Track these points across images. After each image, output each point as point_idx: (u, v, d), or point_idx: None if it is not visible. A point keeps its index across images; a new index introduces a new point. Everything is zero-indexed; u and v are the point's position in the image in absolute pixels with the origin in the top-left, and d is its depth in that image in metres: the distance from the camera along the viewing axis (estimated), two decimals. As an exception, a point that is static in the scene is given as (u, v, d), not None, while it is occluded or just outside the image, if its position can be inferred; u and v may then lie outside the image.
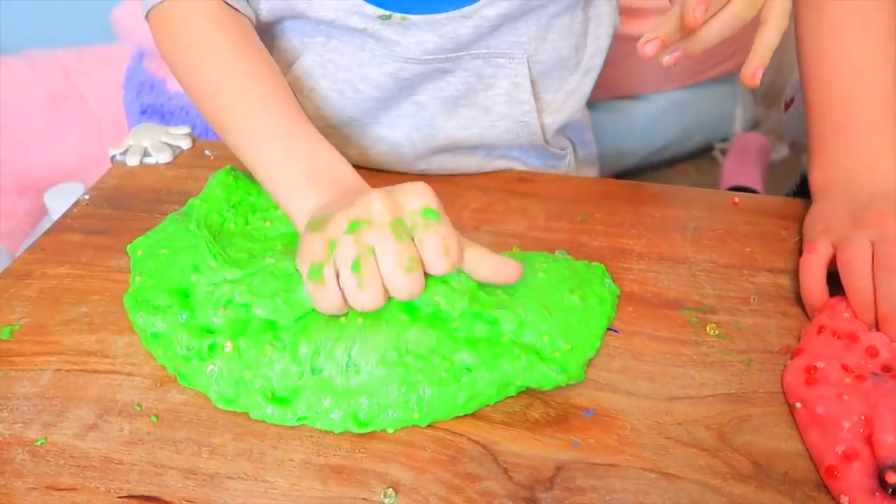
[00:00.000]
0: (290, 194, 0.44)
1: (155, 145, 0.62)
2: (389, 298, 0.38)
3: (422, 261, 0.37)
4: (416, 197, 0.38)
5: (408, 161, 0.61)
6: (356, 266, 0.36)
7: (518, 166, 0.63)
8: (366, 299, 0.37)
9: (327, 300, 0.38)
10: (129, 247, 0.49)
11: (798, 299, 0.46)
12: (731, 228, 0.52)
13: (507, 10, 0.53)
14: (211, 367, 0.40)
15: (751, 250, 0.50)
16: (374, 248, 0.37)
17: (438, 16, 0.53)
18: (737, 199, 0.55)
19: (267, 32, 0.60)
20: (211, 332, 0.42)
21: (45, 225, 1.05)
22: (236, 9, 0.53)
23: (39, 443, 0.38)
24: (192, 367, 0.41)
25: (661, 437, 0.38)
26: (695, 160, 1.70)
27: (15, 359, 0.43)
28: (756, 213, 0.54)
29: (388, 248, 0.36)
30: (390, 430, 0.38)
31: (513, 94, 0.58)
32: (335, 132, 0.61)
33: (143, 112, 1.15)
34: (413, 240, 0.37)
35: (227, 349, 0.40)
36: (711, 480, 0.36)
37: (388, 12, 0.52)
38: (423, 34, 0.53)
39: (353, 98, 0.58)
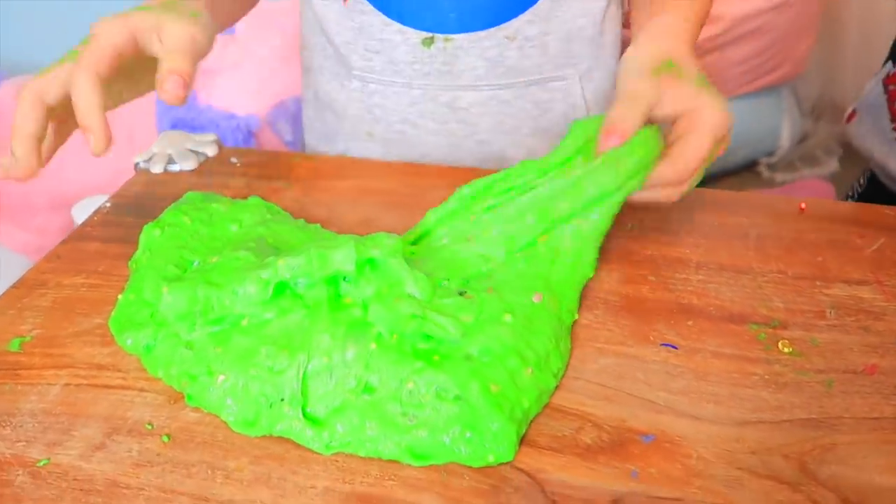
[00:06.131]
0: None
1: (180, 153, 0.60)
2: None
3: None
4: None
5: None
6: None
7: None
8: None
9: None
10: (130, 262, 0.46)
11: (882, 314, 0.41)
12: (799, 236, 0.48)
13: (547, 28, 0.53)
14: (222, 377, 0.36)
15: (822, 259, 0.45)
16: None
17: (482, 34, 0.52)
18: (803, 205, 0.50)
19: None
20: (223, 318, 0.38)
21: (75, 239, 1.04)
22: None
23: (42, 463, 0.35)
24: (201, 384, 0.37)
25: (732, 467, 0.33)
26: (740, 174, 1.63)
27: (23, 372, 0.40)
28: (826, 219, 0.49)
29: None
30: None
31: (569, 114, 0.59)
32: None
33: (174, 126, 1.14)
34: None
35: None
36: (795, 519, 0.31)
37: (430, 34, 0.53)
38: (470, 59, 0.54)
39: (414, 136, 0.60)
